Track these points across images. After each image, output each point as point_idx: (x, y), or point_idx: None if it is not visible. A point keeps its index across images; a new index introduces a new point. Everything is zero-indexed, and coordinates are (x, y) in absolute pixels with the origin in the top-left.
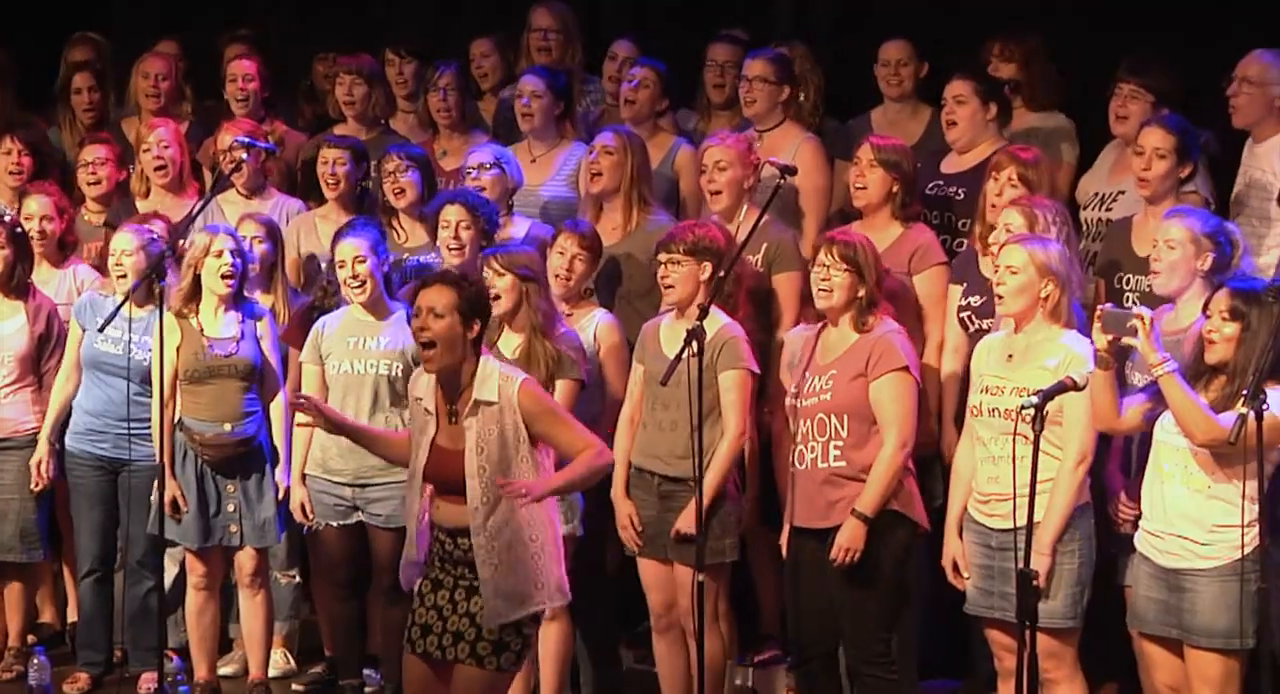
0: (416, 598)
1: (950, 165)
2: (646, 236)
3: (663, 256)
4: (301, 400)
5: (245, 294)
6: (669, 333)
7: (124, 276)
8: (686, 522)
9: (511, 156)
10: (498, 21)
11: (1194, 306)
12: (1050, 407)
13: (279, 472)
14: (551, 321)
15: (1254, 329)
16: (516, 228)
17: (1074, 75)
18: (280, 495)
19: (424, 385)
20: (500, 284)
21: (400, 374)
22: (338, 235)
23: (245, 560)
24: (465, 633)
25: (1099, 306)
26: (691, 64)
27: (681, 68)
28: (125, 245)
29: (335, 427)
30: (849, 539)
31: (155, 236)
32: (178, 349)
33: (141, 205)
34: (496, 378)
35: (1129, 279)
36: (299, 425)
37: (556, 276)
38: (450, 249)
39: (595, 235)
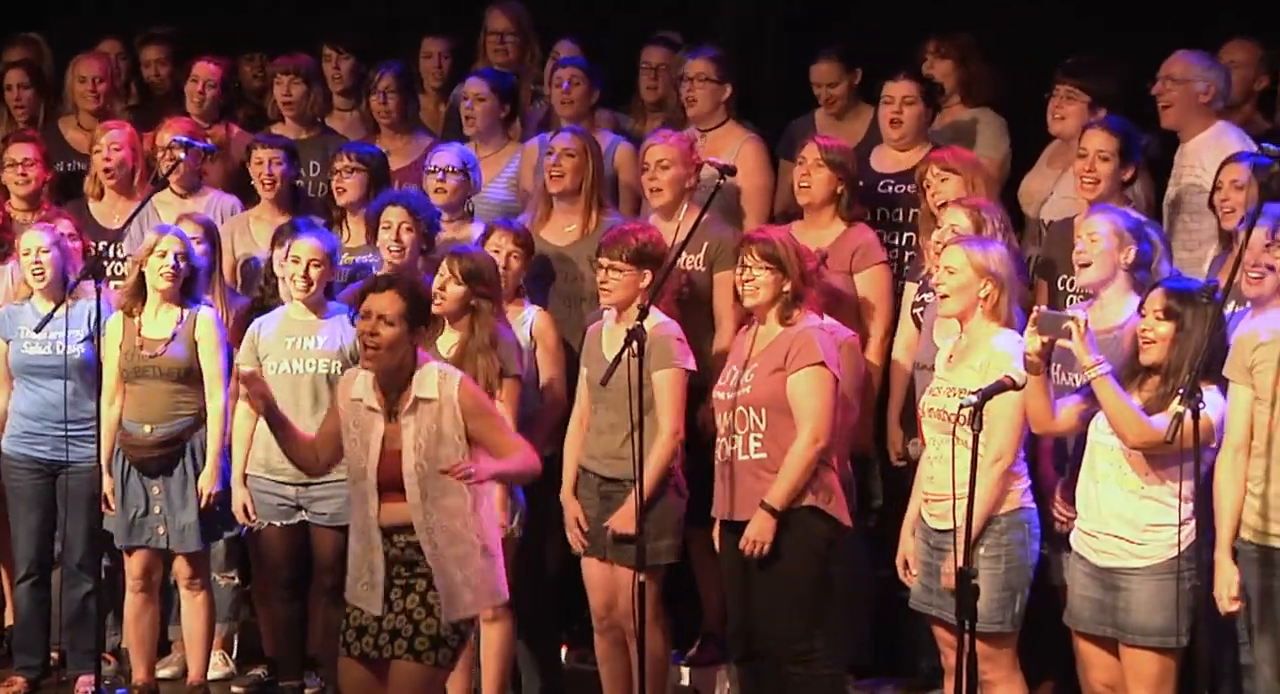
0: (350, 601)
1: (885, 164)
2: (596, 239)
3: (604, 260)
4: (246, 372)
5: (197, 295)
6: (609, 335)
7: (41, 274)
8: (621, 521)
9: (476, 160)
10: (447, 21)
11: (1118, 304)
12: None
13: (205, 477)
14: (498, 338)
15: (1188, 329)
16: (475, 230)
17: (1009, 73)
18: (204, 502)
19: (361, 385)
20: (453, 290)
21: (339, 373)
22: (298, 232)
23: (183, 563)
24: (403, 630)
25: (1035, 308)
26: (628, 66)
27: (618, 69)
28: (39, 243)
29: (269, 409)
30: (756, 531)
31: (64, 234)
32: (120, 347)
33: (95, 207)
34: (435, 376)
35: (1070, 280)
36: (243, 398)
37: None
38: (390, 250)
39: (528, 233)
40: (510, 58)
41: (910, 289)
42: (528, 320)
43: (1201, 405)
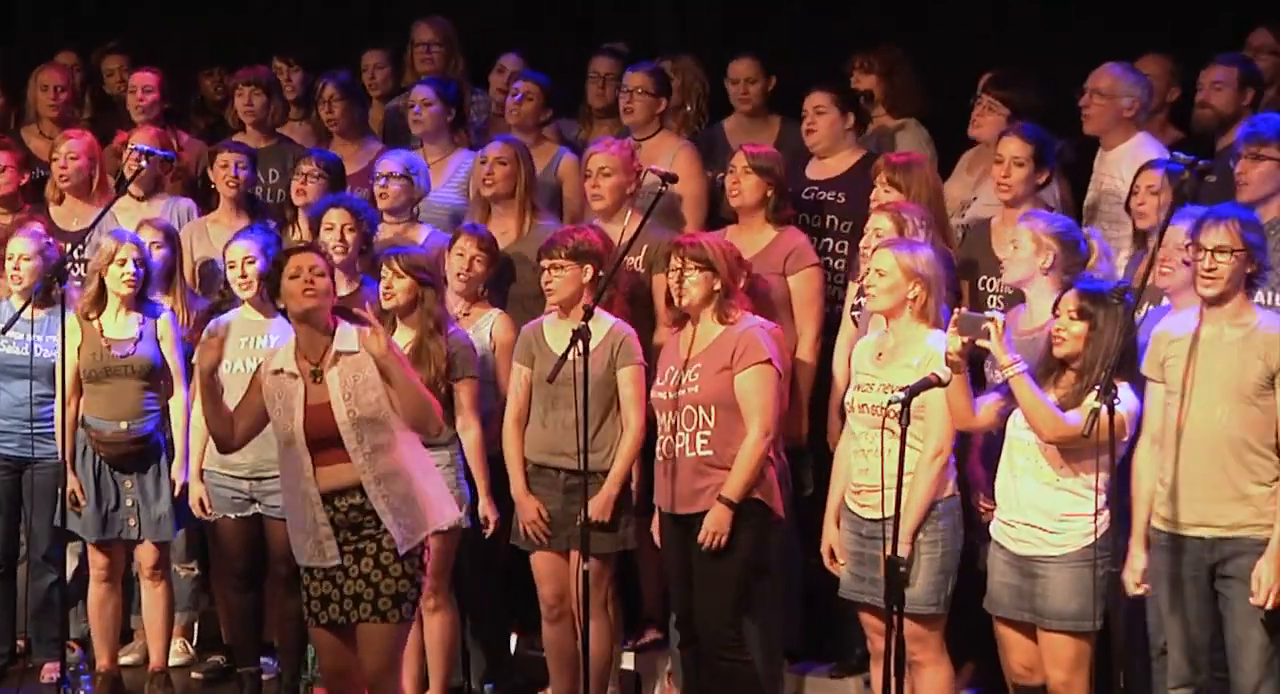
0: (306, 574)
1: (816, 171)
2: (538, 240)
3: (545, 262)
4: (211, 337)
5: (149, 297)
6: (554, 333)
7: (20, 279)
8: (600, 510)
9: (423, 165)
10: (385, 32)
11: (1046, 305)
12: (915, 402)
13: (176, 468)
14: (444, 324)
15: (1100, 328)
16: (418, 233)
17: (933, 85)
18: (177, 491)
19: (282, 357)
20: (398, 285)
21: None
22: (233, 238)
23: (146, 554)
24: (364, 594)
25: (956, 310)
26: (575, 75)
27: (566, 78)
28: (23, 250)
29: (212, 371)
30: (715, 524)
31: (50, 241)
32: (79, 349)
33: (54, 211)
34: (355, 332)
35: (990, 281)
36: (201, 353)
37: (457, 275)
38: (334, 248)
39: (493, 238)
40: (436, 67)
41: (851, 289)
42: (489, 322)
43: (1116, 402)
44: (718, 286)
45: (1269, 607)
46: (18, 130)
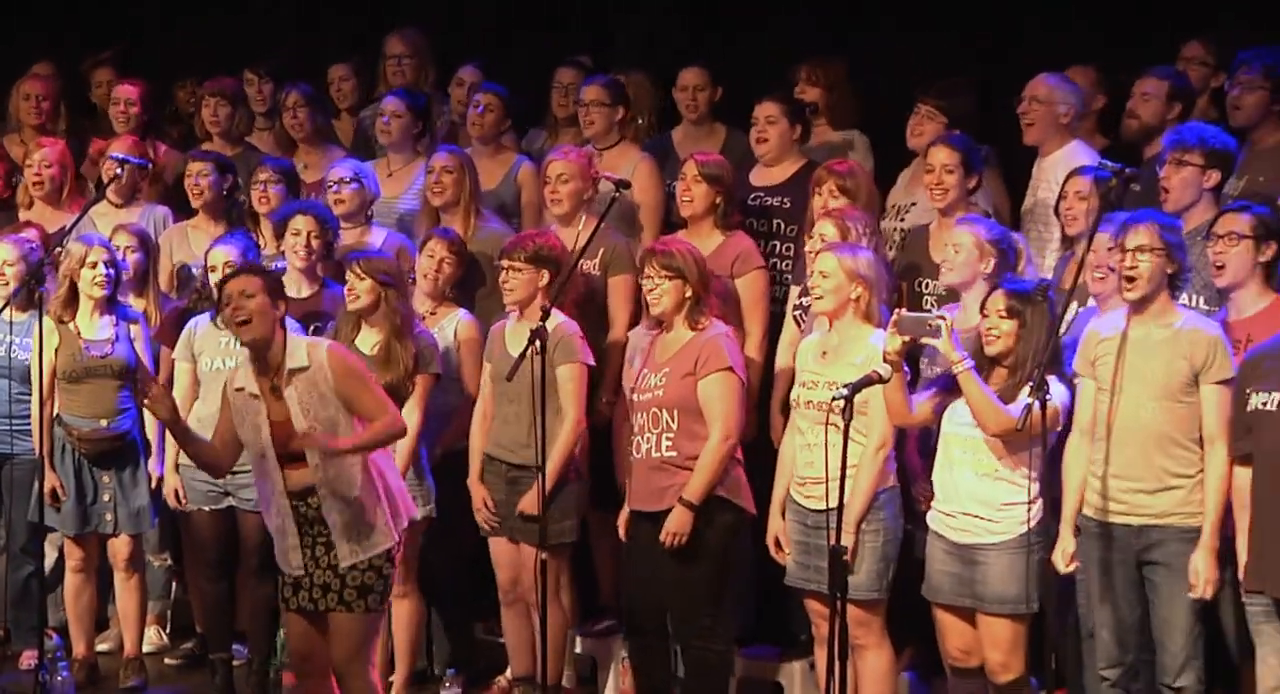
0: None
1: (761, 178)
2: (481, 242)
3: (505, 263)
4: (152, 390)
5: (120, 299)
6: (513, 334)
7: (6, 284)
8: (529, 503)
9: (370, 171)
10: (354, 44)
11: (979, 307)
12: (858, 398)
13: (152, 462)
14: (410, 323)
15: (1030, 325)
16: (374, 236)
17: (873, 96)
18: (154, 485)
19: (242, 376)
20: (361, 287)
21: None
22: (213, 243)
23: (120, 545)
24: (331, 584)
25: (896, 311)
26: (540, 85)
27: (531, 88)
28: (6, 256)
29: (172, 421)
30: (676, 524)
31: (34, 246)
32: (56, 351)
33: (24, 215)
34: (305, 346)
35: (927, 283)
36: (148, 407)
37: (425, 276)
38: (298, 254)
39: (462, 241)
40: (408, 80)
41: (794, 291)
42: (453, 322)
43: (1048, 397)
44: (688, 294)
45: (1207, 597)
46: None
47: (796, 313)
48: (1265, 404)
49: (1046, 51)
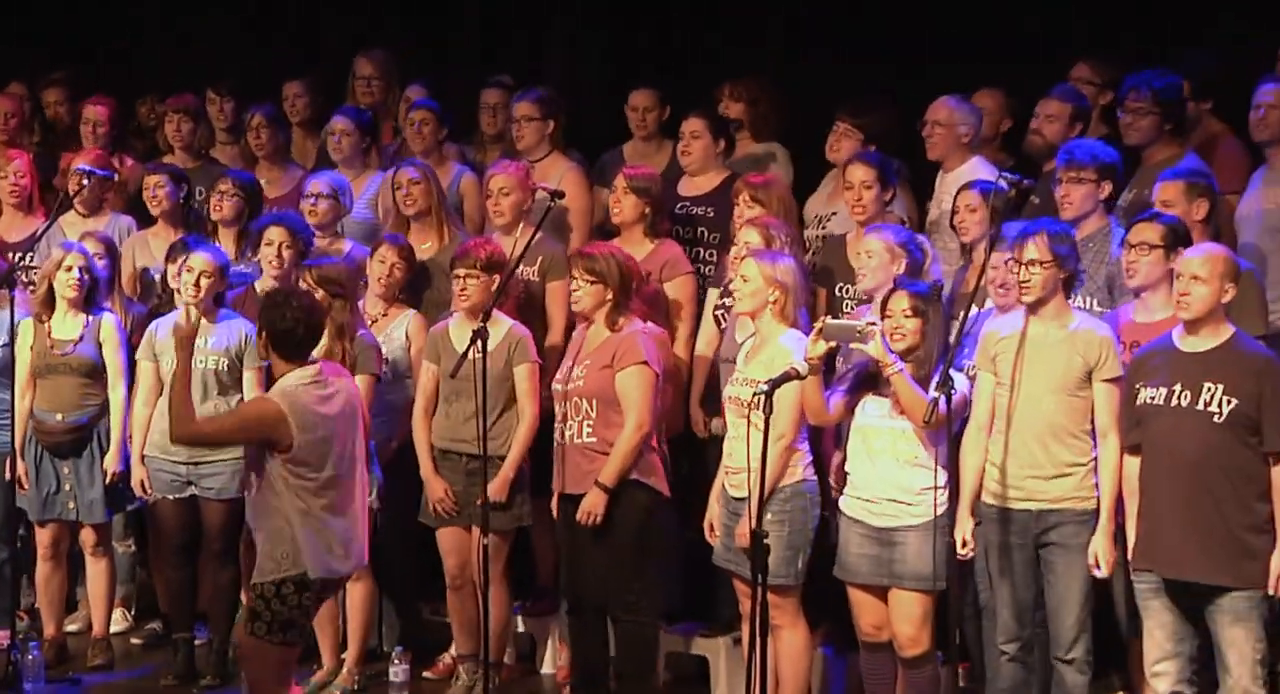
0: None
1: (688, 189)
2: (450, 252)
3: (461, 270)
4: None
5: (98, 302)
6: (458, 334)
7: None
8: (496, 491)
9: (348, 186)
10: (309, 66)
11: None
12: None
13: (109, 458)
14: (352, 328)
15: (932, 322)
16: (343, 246)
17: (793, 112)
18: (109, 479)
19: None
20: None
21: (226, 368)
22: (193, 246)
23: (88, 532)
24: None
25: (821, 318)
26: (473, 103)
27: (465, 107)
28: None
29: (187, 354)
30: (591, 505)
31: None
32: (31, 347)
33: None
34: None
35: (846, 288)
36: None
37: (378, 280)
38: (271, 263)
39: (410, 247)
40: (376, 99)
41: (713, 294)
42: (404, 323)
43: (954, 391)
44: (609, 296)
45: (1107, 575)
46: None
47: (718, 313)
48: (1153, 398)
49: (957, 75)
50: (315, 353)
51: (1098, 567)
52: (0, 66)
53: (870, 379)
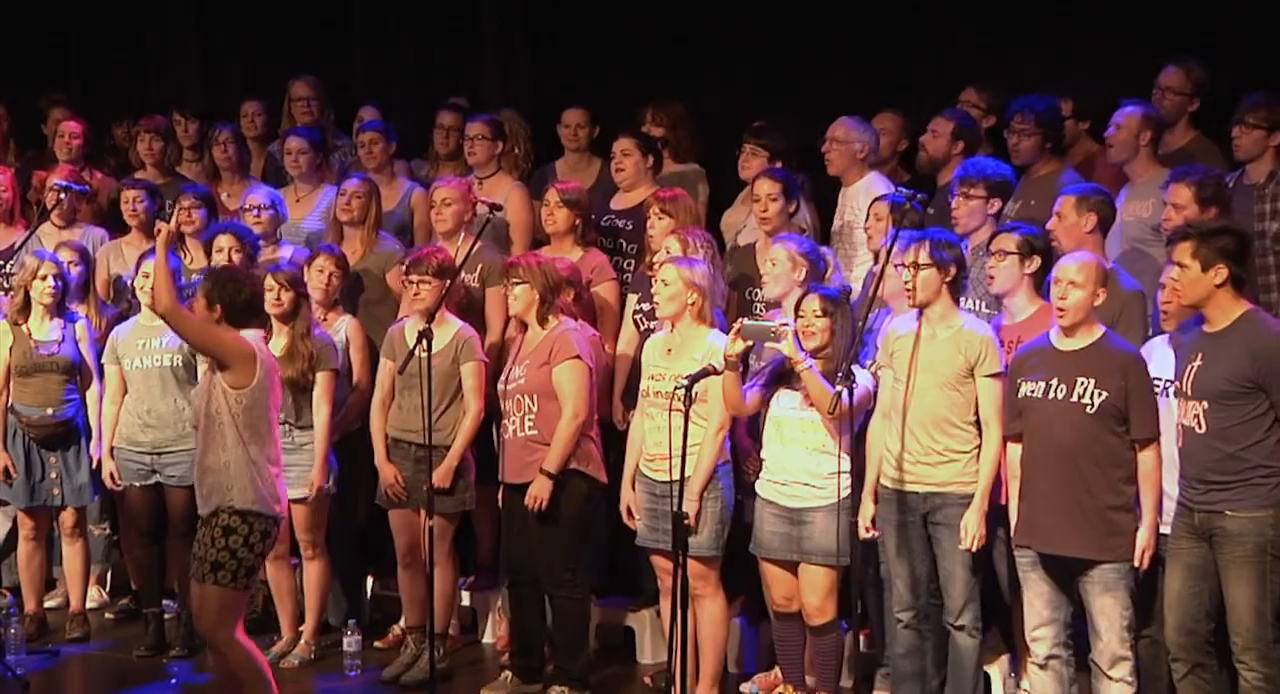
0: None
1: (618, 202)
2: (377, 257)
3: (414, 276)
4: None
5: (67, 306)
6: (411, 334)
7: None
8: (440, 478)
9: (282, 198)
10: (259, 90)
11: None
12: (699, 387)
13: (94, 445)
14: (310, 326)
15: (840, 322)
16: (283, 251)
17: (710, 133)
18: (94, 465)
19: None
20: (285, 297)
21: (181, 364)
22: (144, 256)
23: (66, 516)
24: (199, 553)
25: (739, 320)
26: (425, 124)
27: (417, 127)
28: None
29: (165, 250)
30: (538, 491)
31: None
32: (10, 349)
33: None
34: None
35: (755, 292)
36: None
37: (316, 288)
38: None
39: (345, 257)
40: (315, 117)
41: (632, 298)
42: (343, 326)
43: (855, 384)
44: (536, 298)
45: (974, 549)
46: None
47: (636, 316)
48: (1032, 392)
49: (857, 100)
50: (276, 352)
51: (964, 540)
52: None
53: (784, 374)
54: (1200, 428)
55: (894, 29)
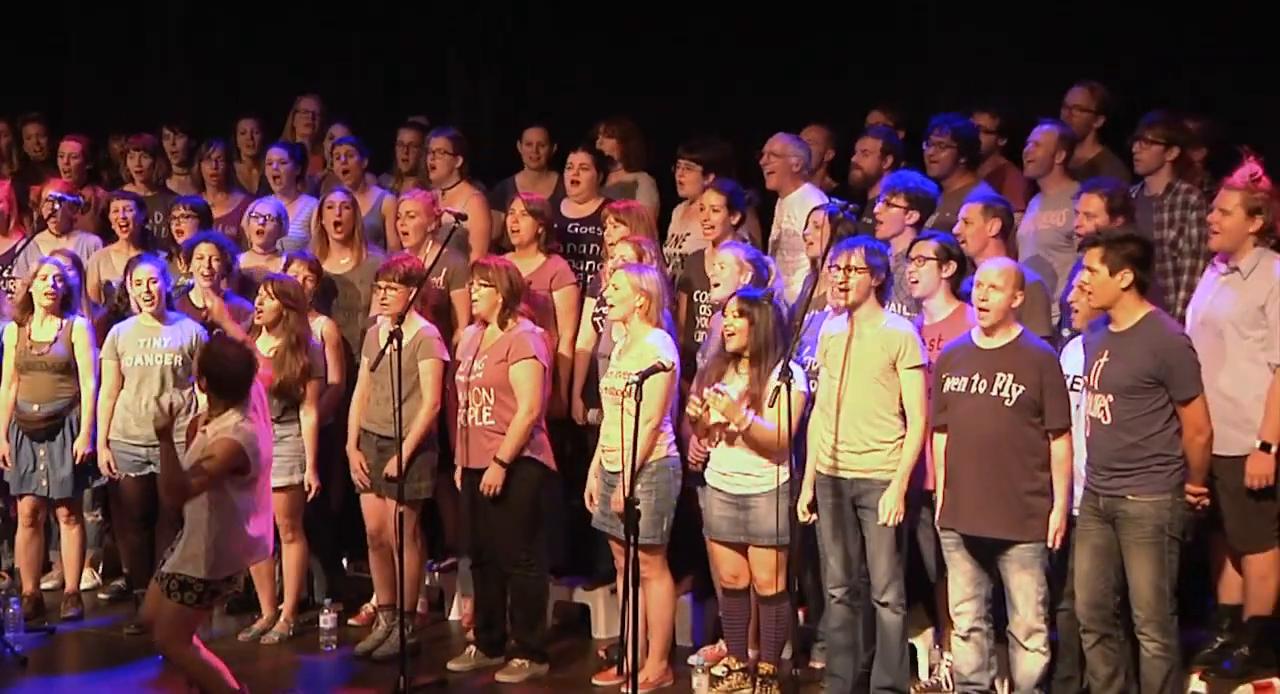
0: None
1: (572, 211)
2: (366, 268)
3: (381, 283)
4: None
5: (71, 308)
6: (383, 336)
7: None
8: (391, 467)
9: (285, 211)
10: (247, 108)
11: None
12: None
13: (79, 442)
14: (304, 338)
15: (757, 323)
16: (279, 262)
17: (658, 146)
18: (78, 460)
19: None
20: (269, 304)
21: (180, 364)
22: (136, 262)
23: (62, 504)
24: (169, 558)
25: (707, 391)
26: (390, 139)
27: (382, 142)
28: None
29: (167, 438)
30: (491, 478)
31: None
32: (15, 347)
33: None
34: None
35: (703, 294)
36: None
37: None
38: (203, 275)
39: (319, 262)
40: (315, 131)
41: (590, 302)
42: (319, 327)
43: (792, 381)
44: (499, 300)
45: (891, 525)
46: None
47: (595, 318)
48: (956, 386)
49: (787, 114)
50: (265, 352)
51: (882, 515)
52: None
53: (722, 372)
54: (1106, 419)
55: (827, 49)
